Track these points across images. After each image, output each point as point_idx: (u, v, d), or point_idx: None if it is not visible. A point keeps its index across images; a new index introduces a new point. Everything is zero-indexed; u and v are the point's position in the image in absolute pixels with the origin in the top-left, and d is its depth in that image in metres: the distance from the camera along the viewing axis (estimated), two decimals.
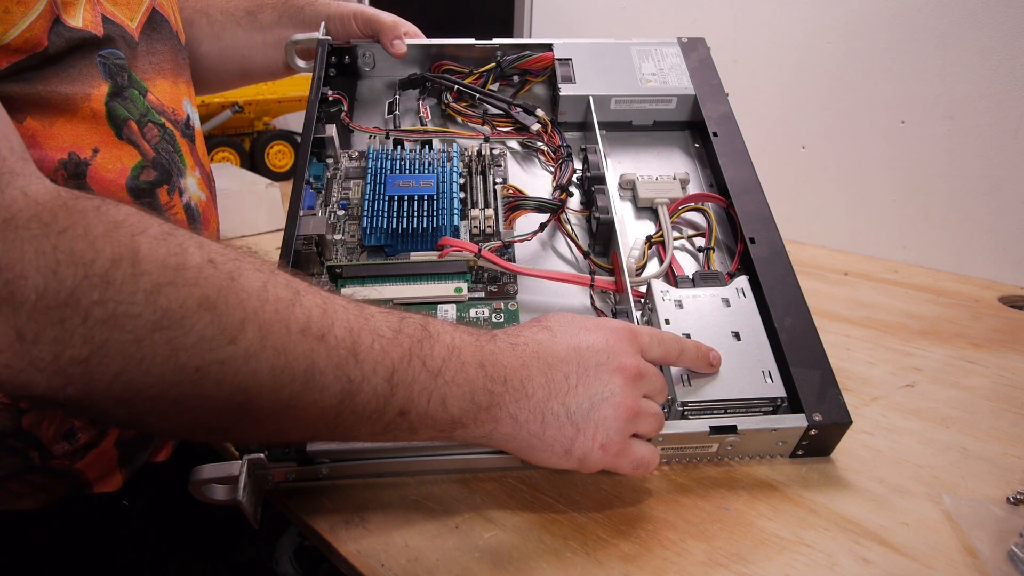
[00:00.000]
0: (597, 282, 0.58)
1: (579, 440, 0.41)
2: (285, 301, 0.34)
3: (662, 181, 0.66)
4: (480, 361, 0.39)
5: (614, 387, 0.41)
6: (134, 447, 0.48)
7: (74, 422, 0.42)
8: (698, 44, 0.73)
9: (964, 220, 0.87)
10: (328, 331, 0.34)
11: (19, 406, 0.39)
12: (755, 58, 1.01)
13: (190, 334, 0.31)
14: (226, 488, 0.44)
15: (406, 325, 0.37)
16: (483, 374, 0.38)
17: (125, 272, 0.30)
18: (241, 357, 0.32)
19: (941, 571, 0.42)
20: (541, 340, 0.41)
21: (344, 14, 0.69)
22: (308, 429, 0.36)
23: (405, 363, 0.36)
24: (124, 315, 0.30)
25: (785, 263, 0.57)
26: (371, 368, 0.35)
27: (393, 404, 0.36)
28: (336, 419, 0.35)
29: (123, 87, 0.44)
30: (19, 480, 0.41)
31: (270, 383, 0.33)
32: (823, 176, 0.99)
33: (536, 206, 0.62)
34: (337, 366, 0.34)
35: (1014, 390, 0.61)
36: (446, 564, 0.43)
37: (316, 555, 0.72)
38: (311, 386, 0.34)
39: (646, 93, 0.69)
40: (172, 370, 0.31)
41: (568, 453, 0.41)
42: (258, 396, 0.33)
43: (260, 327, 0.32)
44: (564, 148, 0.66)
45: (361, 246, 0.59)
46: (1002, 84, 0.80)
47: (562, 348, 0.41)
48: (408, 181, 0.60)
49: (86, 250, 0.30)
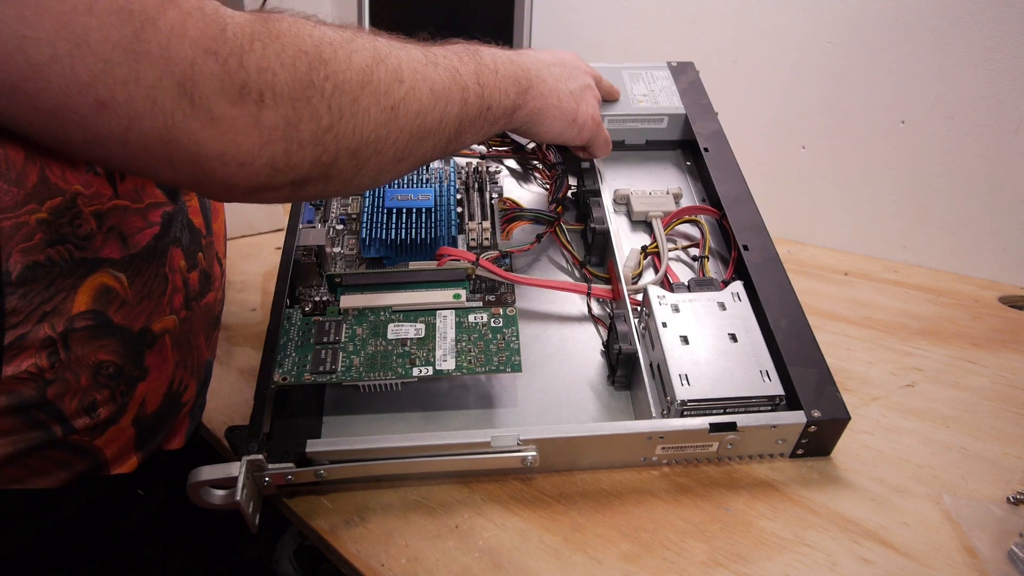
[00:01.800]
0: (594, 290, 0.59)
1: (580, 111, 0.57)
2: (400, 48, 0.44)
3: (656, 196, 0.67)
4: (509, 59, 0.52)
5: (586, 80, 0.59)
6: (149, 428, 0.48)
7: (96, 395, 0.43)
8: (687, 67, 0.77)
9: (964, 220, 0.86)
10: (436, 60, 0.46)
11: (45, 377, 0.39)
12: (755, 58, 1.01)
13: (381, 82, 0.41)
14: (224, 493, 0.44)
15: (460, 51, 0.49)
16: (515, 68, 0.52)
17: (329, 50, 0.39)
18: (410, 90, 0.43)
19: (941, 571, 0.42)
20: (528, 54, 0.55)
21: None
22: (451, 137, 0.47)
23: (481, 71, 0.49)
24: (344, 81, 0.39)
25: (779, 268, 0.58)
26: (470, 78, 0.47)
27: (484, 101, 0.48)
28: (462, 121, 0.47)
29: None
30: (39, 455, 0.42)
31: (429, 102, 0.44)
32: (823, 176, 0.99)
33: (533, 217, 0.63)
34: (453, 80, 0.46)
35: (1014, 390, 0.61)
36: (446, 564, 0.43)
37: (316, 555, 0.72)
38: (451, 98, 0.46)
39: (638, 113, 0.71)
40: (380, 112, 0.41)
41: (574, 121, 0.57)
42: (427, 115, 0.44)
43: (409, 66, 0.43)
44: (559, 165, 0.68)
45: (360, 258, 0.60)
46: (1002, 84, 0.80)
47: (547, 57, 0.57)
48: (406, 195, 0.61)
49: (300, 43, 0.38)
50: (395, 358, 0.50)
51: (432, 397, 0.54)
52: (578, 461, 0.50)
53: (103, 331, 0.42)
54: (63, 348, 0.40)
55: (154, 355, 0.47)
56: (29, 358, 0.39)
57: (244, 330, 0.75)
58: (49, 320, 0.39)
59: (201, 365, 0.55)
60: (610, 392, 0.55)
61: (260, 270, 0.87)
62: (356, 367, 0.50)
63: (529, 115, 0.53)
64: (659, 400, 0.51)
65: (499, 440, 0.46)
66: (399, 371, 0.50)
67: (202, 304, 0.53)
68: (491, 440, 0.46)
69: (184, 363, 0.51)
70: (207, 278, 0.54)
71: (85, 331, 0.41)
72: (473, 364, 0.50)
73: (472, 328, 0.52)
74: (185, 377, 0.51)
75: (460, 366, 0.50)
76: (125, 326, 0.44)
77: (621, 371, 0.54)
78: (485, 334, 0.52)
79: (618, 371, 0.54)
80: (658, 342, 0.52)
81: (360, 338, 0.52)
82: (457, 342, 0.51)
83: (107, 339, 0.42)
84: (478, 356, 0.51)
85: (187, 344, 0.51)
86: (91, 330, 0.41)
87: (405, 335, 0.52)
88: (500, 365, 0.50)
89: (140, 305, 0.45)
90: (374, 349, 0.51)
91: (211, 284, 0.54)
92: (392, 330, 0.52)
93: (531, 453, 0.46)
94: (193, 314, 0.51)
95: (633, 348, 0.53)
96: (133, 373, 0.45)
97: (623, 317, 0.55)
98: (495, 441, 0.46)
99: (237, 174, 0.38)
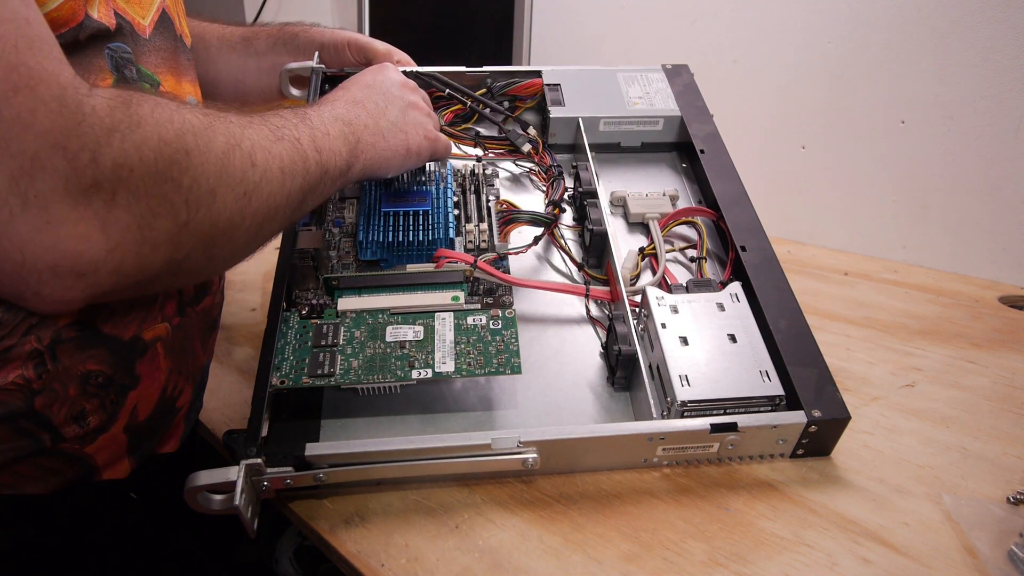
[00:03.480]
0: (592, 292, 0.59)
1: (409, 139, 0.54)
2: (249, 125, 0.43)
3: (652, 197, 0.67)
4: (334, 117, 0.50)
5: (405, 97, 0.56)
6: (142, 434, 0.48)
7: (85, 405, 0.43)
8: (682, 70, 0.77)
9: (964, 220, 0.86)
10: (280, 134, 0.44)
11: (32, 387, 0.39)
12: (755, 58, 1.01)
13: (236, 168, 0.39)
14: (222, 498, 0.44)
15: (291, 117, 0.47)
16: (342, 125, 0.50)
17: (191, 139, 0.37)
18: (263, 173, 0.41)
19: (941, 571, 0.42)
20: (345, 96, 0.53)
21: (338, 42, 0.71)
22: (296, 208, 0.46)
23: (315, 135, 0.47)
24: (202, 173, 0.37)
25: (776, 269, 0.58)
26: (309, 145, 0.46)
27: (322, 166, 0.46)
28: (305, 192, 0.45)
29: (130, 79, 0.45)
30: (29, 463, 0.42)
31: (279, 181, 0.43)
32: (823, 176, 0.99)
33: (530, 219, 0.63)
34: (296, 151, 0.45)
35: (1014, 390, 0.61)
36: (446, 564, 0.43)
37: (316, 555, 0.72)
38: (296, 171, 0.44)
39: (634, 115, 0.72)
40: (235, 200, 0.39)
41: (407, 152, 0.54)
42: (277, 194, 0.43)
43: (261, 147, 0.42)
44: (555, 167, 0.68)
45: (357, 261, 0.60)
46: (1002, 84, 0.79)
47: (360, 92, 0.54)
48: (403, 198, 0.61)
49: (163, 131, 0.36)
50: (394, 360, 0.50)
51: (431, 399, 0.54)
52: (579, 463, 0.50)
53: (91, 341, 0.42)
54: (50, 359, 0.40)
55: (146, 363, 0.46)
56: (15, 369, 0.38)
57: (244, 330, 0.75)
58: (36, 332, 0.39)
59: (197, 369, 0.55)
60: (610, 393, 0.55)
61: (260, 270, 0.87)
62: (355, 370, 0.50)
63: (364, 168, 0.51)
64: (659, 401, 0.51)
65: (500, 442, 0.46)
66: (398, 373, 0.50)
67: (198, 309, 0.53)
68: (492, 442, 0.46)
69: (179, 369, 0.51)
70: (203, 283, 0.53)
71: (72, 342, 0.41)
72: (472, 366, 0.50)
73: (471, 330, 0.52)
74: (180, 383, 0.51)
75: (459, 368, 0.50)
76: (114, 335, 0.43)
77: (621, 372, 0.54)
78: (484, 336, 0.52)
79: (618, 372, 0.54)
80: (657, 343, 0.52)
81: (358, 341, 0.52)
82: (456, 344, 0.51)
83: (96, 349, 0.42)
84: (477, 358, 0.51)
85: (182, 350, 0.51)
86: (79, 341, 0.41)
87: (404, 337, 0.52)
88: (500, 367, 0.50)
89: (130, 314, 0.44)
90: (372, 352, 0.51)
91: (207, 288, 0.54)
92: (390, 332, 0.52)
93: (532, 455, 0.46)
94: (188, 320, 0.51)
95: (633, 349, 0.53)
96: (124, 382, 0.45)
97: (622, 318, 0.55)
98: (496, 443, 0.46)
99: (73, 287, 0.35)
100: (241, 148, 0.40)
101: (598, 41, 1.21)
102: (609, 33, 1.19)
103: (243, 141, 0.41)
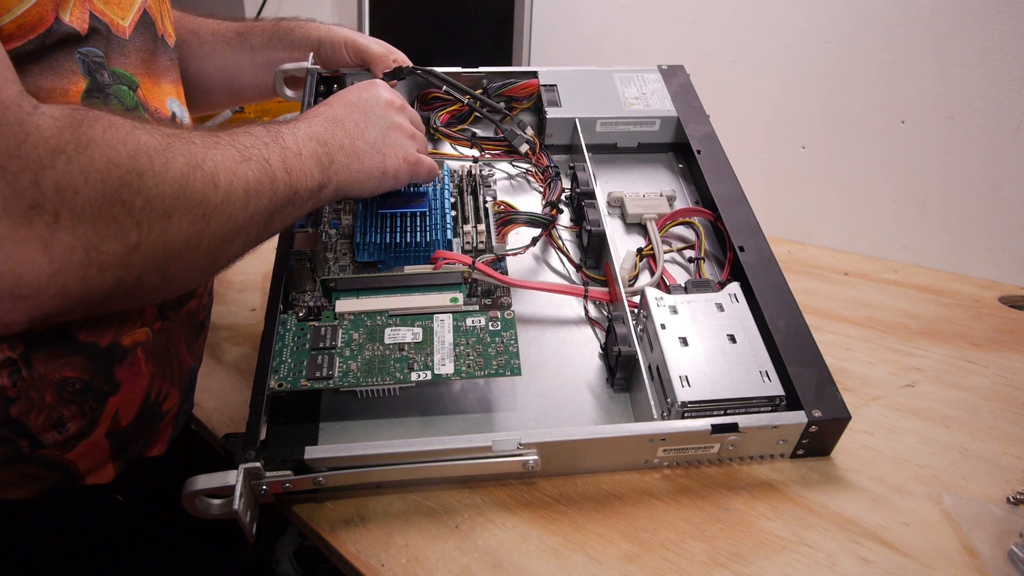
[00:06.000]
0: (591, 293, 0.59)
1: (387, 161, 0.53)
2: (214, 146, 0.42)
3: (650, 198, 0.68)
4: (308, 137, 0.49)
5: (388, 118, 0.54)
6: (126, 439, 0.48)
7: (63, 411, 0.42)
8: (678, 71, 0.77)
9: (964, 220, 0.86)
10: (248, 155, 0.43)
11: (7, 395, 0.39)
12: (755, 58, 1.01)
13: (196, 190, 0.38)
14: (221, 502, 0.43)
15: (263, 135, 0.46)
16: (316, 145, 0.49)
17: (145, 161, 0.36)
18: (225, 195, 0.40)
19: (941, 571, 0.42)
20: (325, 113, 0.52)
21: (335, 41, 0.69)
22: (261, 230, 0.45)
23: (286, 156, 0.46)
24: (156, 196, 0.36)
25: (775, 269, 0.58)
26: (278, 165, 0.45)
27: (291, 187, 0.46)
28: (272, 213, 0.45)
29: (104, 84, 0.45)
30: (9, 470, 0.42)
31: (243, 202, 0.42)
32: (823, 176, 0.99)
33: (528, 220, 0.62)
34: (264, 172, 0.44)
35: (1014, 390, 0.61)
36: (446, 564, 0.43)
37: (316, 555, 0.72)
38: (262, 191, 0.43)
39: (630, 115, 0.72)
40: (193, 222, 0.39)
41: (384, 174, 0.53)
42: (239, 215, 0.42)
43: (225, 168, 0.41)
44: (552, 168, 0.68)
45: (354, 263, 0.59)
46: (1002, 84, 0.79)
47: (341, 110, 0.53)
48: (400, 199, 0.61)
49: (113, 153, 0.35)
50: (393, 363, 0.50)
51: (430, 401, 0.54)
52: (580, 464, 0.50)
53: (67, 349, 0.42)
54: (25, 367, 0.40)
55: (125, 369, 0.46)
56: None
57: (244, 330, 0.75)
58: (7, 341, 0.38)
59: (184, 373, 0.55)
60: (609, 394, 0.55)
61: (260, 270, 0.87)
62: (353, 372, 0.50)
63: (337, 189, 0.50)
64: (659, 402, 0.51)
65: (500, 444, 0.46)
66: (397, 376, 0.49)
67: (182, 313, 0.52)
68: (492, 444, 0.46)
69: (162, 373, 0.50)
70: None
71: (47, 350, 0.40)
72: (472, 368, 0.50)
73: (470, 332, 0.52)
74: (164, 387, 0.51)
75: (459, 370, 0.50)
76: (91, 343, 0.43)
77: (620, 373, 0.54)
78: (483, 338, 0.52)
79: (617, 373, 0.54)
80: (657, 344, 0.52)
81: (357, 343, 0.51)
82: (455, 346, 0.51)
83: (72, 356, 0.42)
84: (476, 360, 0.50)
85: (165, 354, 0.50)
86: (54, 349, 0.41)
87: (403, 339, 0.52)
88: (499, 369, 0.50)
89: (106, 320, 0.44)
90: (371, 354, 0.51)
91: (192, 291, 0.54)
92: (389, 334, 0.52)
93: (532, 457, 0.46)
94: (171, 324, 0.51)
95: (633, 350, 0.53)
96: (103, 388, 0.44)
97: (621, 319, 0.55)
98: (496, 445, 0.46)
99: (12, 310, 0.34)
100: (203, 169, 0.39)
101: (598, 42, 1.21)
102: (609, 33, 1.19)
103: (206, 162, 0.40)
